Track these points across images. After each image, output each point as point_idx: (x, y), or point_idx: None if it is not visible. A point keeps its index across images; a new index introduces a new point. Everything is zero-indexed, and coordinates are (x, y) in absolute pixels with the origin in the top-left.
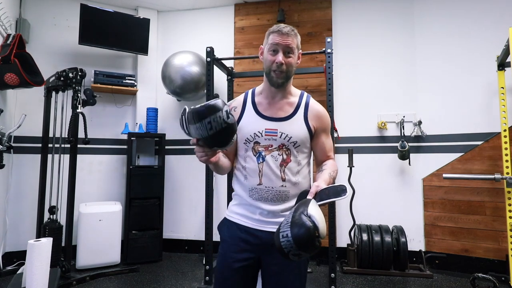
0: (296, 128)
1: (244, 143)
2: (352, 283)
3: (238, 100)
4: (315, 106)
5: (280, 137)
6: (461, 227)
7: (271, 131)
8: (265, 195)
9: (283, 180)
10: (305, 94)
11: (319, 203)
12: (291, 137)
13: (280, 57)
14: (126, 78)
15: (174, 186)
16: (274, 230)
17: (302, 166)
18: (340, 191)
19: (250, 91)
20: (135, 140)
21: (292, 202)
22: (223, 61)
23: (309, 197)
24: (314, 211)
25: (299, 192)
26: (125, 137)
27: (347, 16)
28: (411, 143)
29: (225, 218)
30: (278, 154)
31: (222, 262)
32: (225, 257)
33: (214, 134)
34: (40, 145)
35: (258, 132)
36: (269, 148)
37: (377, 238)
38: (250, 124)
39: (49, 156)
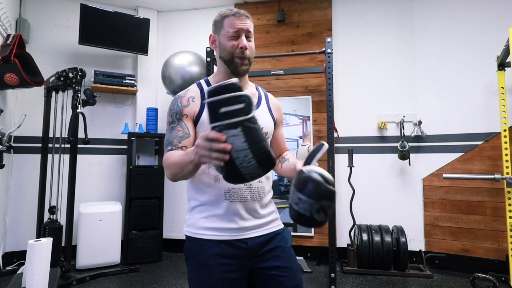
0: (265, 119)
1: None
2: (352, 283)
3: (193, 89)
4: (273, 98)
5: None
6: (461, 227)
7: None
8: (244, 194)
9: None
10: (259, 86)
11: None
12: (263, 127)
13: (244, 41)
14: (126, 78)
15: (174, 186)
16: (259, 233)
17: None
18: (320, 146)
19: (203, 82)
20: (135, 140)
21: (267, 198)
22: None
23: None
24: (310, 167)
25: (270, 187)
26: (125, 137)
27: (347, 16)
28: (411, 143)
29: (192, 238)
30: None
31: None
32: (213, 284)
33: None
34: (40, 145)
35: None
36: None
37: (377, 238)
38: None
39: (49, 156)
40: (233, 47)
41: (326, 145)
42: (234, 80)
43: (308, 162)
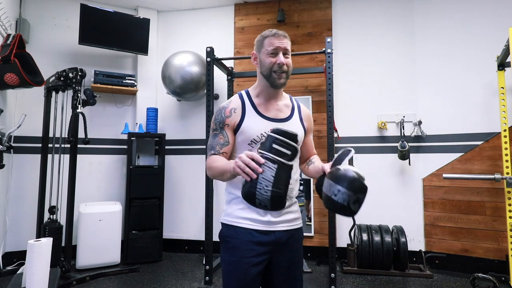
0: (296, 128)
1: (249, 144)
2: (352, 283)
3: (235, 101)
4: (305, 108)
5: None
6: (461, 227)
7: None
8: None
9: None
10: (292, 96)
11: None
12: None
13: (281, 58)
14: (126, 78)
15: (174, 186)
16: (284, 228)
17: (297, 164)
18: (347, 152)
19: (244, 93)
20: (135, 140)
21: (294, 199)
22: (223, 61)
23: (327, 171)
24: (346, 166)
25: (298, 189)
26: (125, 137)
27: (347, 16)
28: (411, 143)
29: (229, 225)
30: None
31: (236, 270)
32: (240, 264)
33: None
34: (40, 145)
35: (265, 132)
36: None
37: (377, 238)
38: (255, 125)
39: (49, 156)
40: (271, 63)
41: (353, 151)
42: (297, 133)
43: (335, 165)
